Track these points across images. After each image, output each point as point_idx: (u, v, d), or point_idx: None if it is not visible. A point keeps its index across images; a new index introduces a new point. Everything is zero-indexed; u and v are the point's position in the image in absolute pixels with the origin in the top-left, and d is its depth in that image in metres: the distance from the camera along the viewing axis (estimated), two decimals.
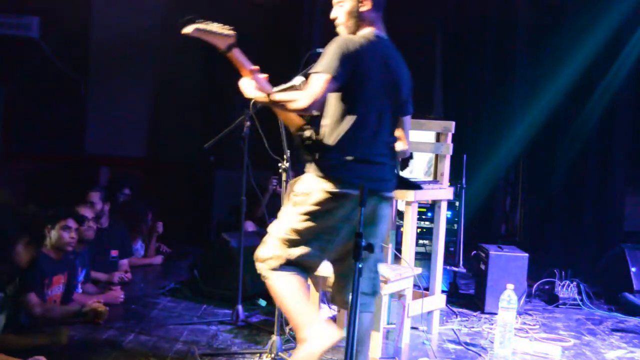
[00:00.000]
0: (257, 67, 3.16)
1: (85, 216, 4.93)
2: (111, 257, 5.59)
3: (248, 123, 4.40)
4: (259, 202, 5.80)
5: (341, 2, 3.23)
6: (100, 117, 7.78)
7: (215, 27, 3.05)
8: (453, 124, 4.66)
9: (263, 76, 3.16)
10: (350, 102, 3.10)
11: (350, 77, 3.04)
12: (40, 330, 4.03)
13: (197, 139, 5.41)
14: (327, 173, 3.06)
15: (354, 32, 3.21)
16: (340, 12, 3.23)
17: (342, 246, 3.18)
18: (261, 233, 5.66)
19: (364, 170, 3.09)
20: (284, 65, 3.76)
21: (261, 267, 3.18)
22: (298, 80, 3.43)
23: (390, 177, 3.23)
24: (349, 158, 3.06)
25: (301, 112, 3.06)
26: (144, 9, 7.52)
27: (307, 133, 3.14)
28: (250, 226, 6.40)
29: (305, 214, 3.09)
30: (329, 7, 3.29)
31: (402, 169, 3.48)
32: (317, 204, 3.07)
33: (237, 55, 3.14)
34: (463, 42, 7.47)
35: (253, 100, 3.53)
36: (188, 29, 3.01)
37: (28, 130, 7.41)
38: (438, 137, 4.76)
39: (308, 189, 3.10)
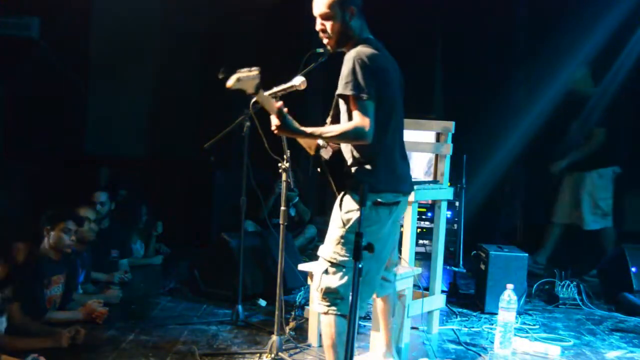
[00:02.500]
0: (279, 103, 3.18)
1: (88, 217, 4.92)
2: (111, 257, 5.59)
3: (248, 123, 4.40)
4: (260, 202, 5.80)
5: (326, 14, 3.19)
6: (100, 117, 7.78)
7: (245, 72, 3.06)
8: (453, 124, 4.66)
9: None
10: (383, 117, 3.13)
11: (379, 92, 3.08)
12: (40, 331, 4.03)
13: (197, 139, 5.40)
14: (377, 187, 3.12)
15: (345, 44, 3.22)
16: (328, 27, 3.20)
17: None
18: (261, 233, 5.71)
19: (402, 175, 3.26)
20: (284, 65, 3.75)
21: (319, 299, 3.19)
22: (298, 80, 3.44)
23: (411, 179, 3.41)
24: (392, 167, 3.17)
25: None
26: (143, 9, 7.51)
27: (327, 152, 3.21)
28: (250, 226, 6.40)
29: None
30: None
31: None
32: (369, 221, 3.12)
33: (263, 97, 3.15)
34: (463, 42, 7.47)
35: (253, 100, 3.54)
36: (230, 83, 3.03)
37: (28, 131, 7.40)
38: (438, 137, 4.76)
39: (356, 207, 3.11)
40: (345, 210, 3.17)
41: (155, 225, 6.44)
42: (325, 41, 3.26)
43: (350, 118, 3.13)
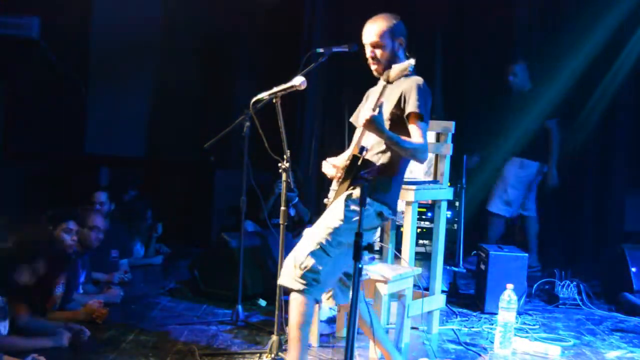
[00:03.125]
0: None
1: (96, 225, 4.90)
2: (111, 257, 5.59)
3: (248, 123, 4.40)
4: (260, 202, 5.79)
5: (378, 43, 3.46)
6: (100, 117, 7.78)
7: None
8: (453, 124, 4.67)
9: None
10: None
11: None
12: (41, 332, 4.03)
13: (197, 139, 5.40)
14: (385, 199, 3.32)
15: (388, 69, 3.42)
16: (378, 54, 3.47)
17: None
18: (261, 233, 5.71)
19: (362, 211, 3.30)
20: (284, 65, 3.76)
21: (296, 276, 3.24)
22: (298, 80, 3.44)
23: None
24: (399, 188, 3.42)
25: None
26: (144, 9, 7.52)
27: (365, 155, 3.34)
28: (250, 226, 6.40)
29: (352, 231, 3.18)
30: (329, 7, 3.31)
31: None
32: (368, 225, 3.29)
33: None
34: (463, 42, 7.46)
35: (253, 100, 3.54)
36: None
37: (28, 130, 7.40)
38: (438, 137, 4.76)
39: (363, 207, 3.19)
40: (351, 208, 3.26)
41: (156, 226, 6.43)
42: (373, 67, 3.51)
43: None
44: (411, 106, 3.32)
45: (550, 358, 4.25)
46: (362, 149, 3.33)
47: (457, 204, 5.95)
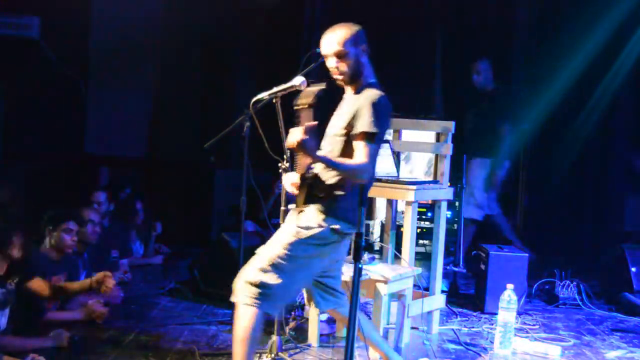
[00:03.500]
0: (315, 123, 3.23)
1: (91, 219, 4.92)
2: (111, 257, 5.59)
3: (248, 123, 4.39)
4: (260, 203, 5.79)
5: (339, 52, 3.28)
6: (100, 117, 7.77)
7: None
8: (453, 124, 4.66)
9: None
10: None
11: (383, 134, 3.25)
12: (41, 332, 4.03)
13: (197, 139, 5.40)
14: (341, 214, 3.22)
15: (354, 83, 3.31)
16: (340, 64, 3.29)
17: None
18: (262, 233, 5.70)
19: (360, 213, 3.22)
20: (284, 66, 3.75)
21: (246, 291, 3.20)
22: (298, 80, 3.44)
23: None
24: (358, 202, 3.11)
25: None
26: (144, 9, 7.51)
27: (312, 173, 3.28)
28: (250, 226, 6.40)
29: (310, 247, 3.21)
30: (330, 7, 3.30)
31: None
32: (323, 240, 3.21)
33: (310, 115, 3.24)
34: (463, 42, 7.47)
35: (253, 100, 3.54)
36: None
37: (28, 130, 7.40)
38: (438, 137, 4.76)
39: (319, 224, 3.21)
40: (303, 224, 3.23)
41: (155, 226, 6.43)
42: (337, 79, 3.35)
43: (344, 154, 3.22)
44: (360, 124, 3.17)
45: (550, 358, 4.25)
46: (308, 168, 3.29)
47: (457, 204, 5.95)
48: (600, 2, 6.72)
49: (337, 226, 3.20)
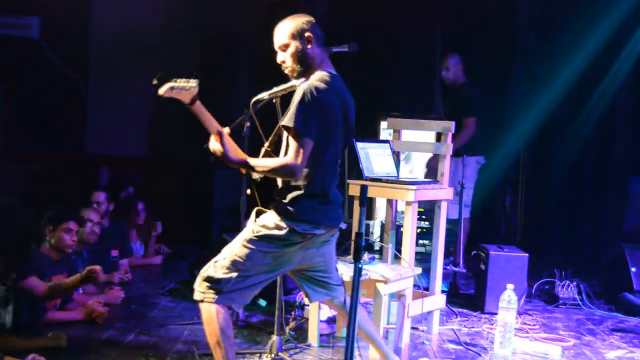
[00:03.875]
0: (226, 130, 3.23)
1: (90, 219, 4.92)
2: (111, 257, 5.59)
3: (248, 123, 4.40)
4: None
5: (285, 45, 3.28)
6: (100, 117, 7.78)
7: (182, 82, 3.06)
8: (453, 124, 4.66)
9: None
10: (320, 149, 3.17)
11: (320, 127, 3.13)
12: (41, 332, 4.03)
13: (197, 139, 5.39)
14: (298, 215, 3.17)
15: (306, 73, 3.27)
16: (286, 56, 3.28)
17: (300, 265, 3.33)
18: None
19: (329, 211, 3.24)
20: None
21: (204, 289, 3.18)
22: (298, 80, 3.44)
23: (341, 211, 3.40)
24: (319, 202, 3.19)
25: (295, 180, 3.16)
26: (144, 9, 7.52)
27: (257, 174, 3.27)
28: None
29: (267, 246, 3.18)
30: (329, 6, 3.31)
31: None
32: (283, 241, 3.17)
33: (200, 109, 3.18)
34: (463, 42, 7.47)
35: (253, 100, 3.54)
36: (162, 90, 3.02)
37: (28, 130, 7.41)
38: (438, 137, 4.76)
39: (276, 225, 3.18)
40: (260, 223, 3.22)
41: (155, 226, 6.43)
42: (287, 71, 3.33)
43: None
44: (287, 119, 3.10)
45: (550, 358, 4.25)
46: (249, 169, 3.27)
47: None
48: (600, 2, 6.72)
49: (294, 227, 3.16)
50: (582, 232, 7.12)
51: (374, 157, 4.42)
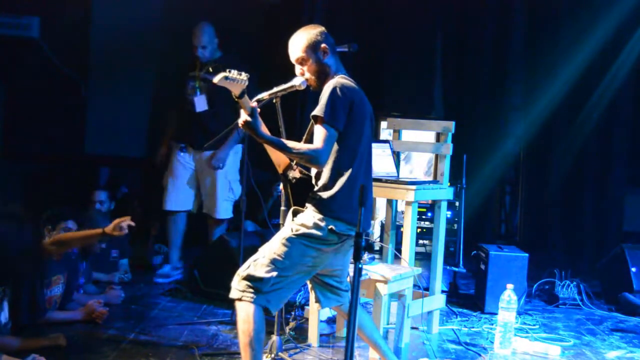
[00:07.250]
0: (256, 104, 3.27)
1: (91, 219, 4.89)
2: (111, 257, 5.59)
3: None
4: (260, 203, 5.79)
5: (302, 58, 3.36)
6: (100, 117, 7.76)
7: (235, 74, 3.12)
8: (453, 124, 4.67)
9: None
10: (352, 146, 3.25)
11: (350, 122, 3.21)
12: (41, 332, 4.03)
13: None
14: (336, 213, 3.21)
15: (325, 81, 3.34)
16: (306, 70, 3.37)
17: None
18: (261, 233, 5.70)
19: (364, 213, 3.21)
20: (284, 66, 3.75)
21: (244, 287, 3.20)
22: (298, 80, 3.44)
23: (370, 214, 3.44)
24: (352, 199, 3.22)
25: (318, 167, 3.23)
26: (144, 9, 7.51)
27: (295, 173, 3.33)
28: (250, 226, 6.40)
29: (306, 246, 3.21)
30: (329, 6, 3.31)
31: None
32: (322, 240, 3.20)
33: (247, 103, 3.22)
34: (463, 42, 7.47)
35: (253, 100, 3.53)
36: (217, 79, 3.10)
37: (28, 130, 7.40)
38: (438, 137, 4.76)
39: (315, 223, 3.21)
40: (299, 222, 3.25)
41: (155, 226, 6.42)
42: (308, 82, 3.41)
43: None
44: (316, 109, 3.21)
45: (550, 358, 4.25)
46: (286, 168, 3.32)
47: (457, 204, 5.95)
48: (599, 3, 6.72)
49: (333, 226, 3.20)
50: (582, 232, 7.12)
51: (373, 157, 4.38)
